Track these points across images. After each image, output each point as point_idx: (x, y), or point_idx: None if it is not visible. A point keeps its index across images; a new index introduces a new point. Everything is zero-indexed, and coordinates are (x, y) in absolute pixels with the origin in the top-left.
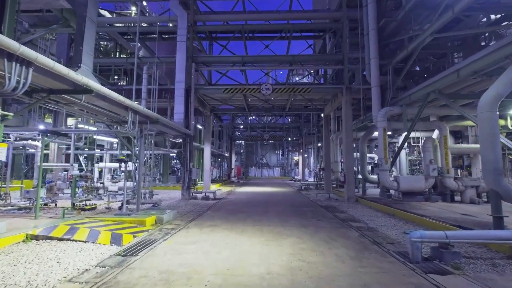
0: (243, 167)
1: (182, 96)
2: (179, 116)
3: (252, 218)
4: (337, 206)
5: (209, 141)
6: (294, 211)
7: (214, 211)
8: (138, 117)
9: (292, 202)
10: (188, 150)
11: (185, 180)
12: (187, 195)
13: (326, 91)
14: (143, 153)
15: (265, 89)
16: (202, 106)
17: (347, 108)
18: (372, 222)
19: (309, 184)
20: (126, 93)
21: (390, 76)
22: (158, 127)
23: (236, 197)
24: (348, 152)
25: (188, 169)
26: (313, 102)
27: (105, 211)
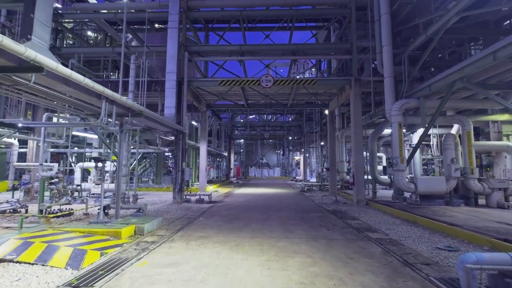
0: (243, 167)
1: (174, 88)
2: (170, 110)
3: (251, 226)
4: (346, 211)
5: (205, 139)
6: (299, 217)
7: (207, 218)
8: (116, 108)
9: (295, 206)
10: (180, 148)
11: (177, 182)
12: (179, 198)
13: (332, 83)
14: (123, 151)
15: (265, 81)
16: (197, 102)
17: (356, 101)
18: (393, 232)
19: (312, 185)
20: (113, 85)
21: (405, 66)
22: (144, 121)
23: (234, 200)
24: (357, 151)
25: (180, 169)
26: (317, 97)
27: (82, 217)
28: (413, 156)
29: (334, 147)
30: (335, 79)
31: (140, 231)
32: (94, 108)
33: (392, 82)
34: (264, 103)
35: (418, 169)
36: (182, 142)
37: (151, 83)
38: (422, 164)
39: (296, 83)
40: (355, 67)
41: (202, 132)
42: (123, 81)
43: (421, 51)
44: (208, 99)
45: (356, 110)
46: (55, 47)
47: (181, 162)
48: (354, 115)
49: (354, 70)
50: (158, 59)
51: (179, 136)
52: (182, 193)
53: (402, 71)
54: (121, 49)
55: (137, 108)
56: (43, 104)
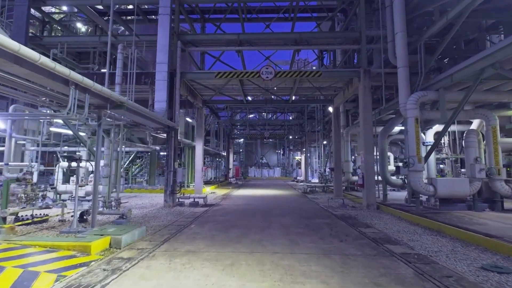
0: (242, 167)
1: (165, 80)
2: (160, 105)
3: (249, 237)
4: (356, 216)
5: (201, 137)
6: (304, 224)
7: (200, 225)
8: (91, 97)
9: (299, 210)
10: (172, 146)
11: (168, 183)
12: (170, 202)
13: (339, 75)
14: (100, 148)
15: (266, 72)
16: (193, 97)
17: (365, 95)
18: (418, 244)
19: (315, 186)
20: (99, 78)
21: (422, 54)
22: (128, 115)
23: (232, 203)
24: (367, 149)
25: (172, 169)
26: (322, 92)
27: (56, 225)
28: (430, 155)
29: (340, 146)
30: (342, 71)
31: (116, 243)
32: (64, 98)
33: (407, 72)
34: (265, 99)
35: (433, 169)
36: (175, 140)
37: (140, 76)
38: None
39: (300, 75)
40: (364, 57)
41: (198, 130)
42: (111, 73)
43: (438, 38)
44: (204, 94)
45: (366, 105)
46: (36, 36)
47: (173, 161)
48: (363, 110)
49: (363, 60)
50: (151, 52)
51: (171, 133)
52: (175, 195)
53: (416, 61)
54: (107, 38)
55: (116, 98)
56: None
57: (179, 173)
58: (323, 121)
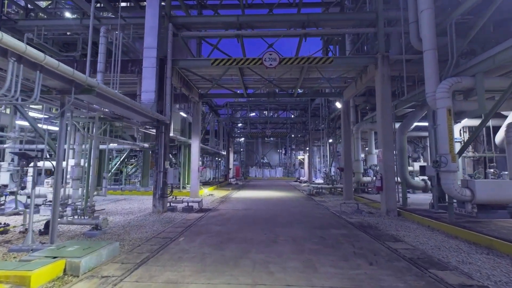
0: (243, 167)
1: (154, 67)
2: (148, 95)
3: (251, 257)
4: (377, 225)
5: (198, 134)
6: (318, 237)
7: (190, 238)
8: (47, 77)
9: (308, 216)
10: (162, 143)
11: (157, 186)
12: (160, 207)
13: (353, 63)
14: (63, 144)
15: (269, 59)
16: (188, 89)
17: (384, 84)
18: (473, 269)
19: (321, 187)
20: (80, 66)
21: (452, 35)
22: (105, 104)
23: (231, 207)
24: (387, 146)
25: (162, 169)
26: (331, 84)
27: (15, 237)
28: (462, 154)
29: (350, 144)
30: (356, 57)
31: (73, 269)
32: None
33: (435, 56)
34: (267, 92)
35: (460, 169)
36: (165, 136)
37: (127, 64)
38: None
39: (308, 62)
40: (381, 41)
41: (194, 126)
42: (94, 61)
43: (472, 16)
44: (200, 87)
45: (385, 95)
46: (9, 19)
47: (163, 160)
48: (382, 102)
49: (381, 45)
50: (142, 42)
51: (161, 128)
52: (165, 200)
53: (443, 44)
54: (89, 21)
55: (82, 79)
56: None
57: (170, 173)
58: (328, 118)
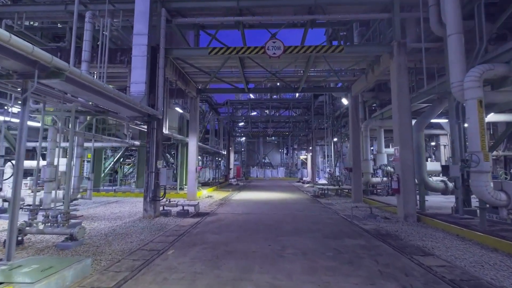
0: (244, 167)
1: (144, 56)
2: (138, 87)
3: (253, 279)
4: (397, 233)
5: (196, 131)
6: (333, 250)
7: (181, 251)
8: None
9: (317, 222)
10: (153, 140)
11: (148, 188)
12: (152, 211)
13: (365, 51)
14: (25, 136)
15: (273, 48)
16: (184, 83)
17: (400, 75)
18: None
19: (327, 188)
20: (65, 55)
21: (481, 17)
22: (82, 94)
23: (230, 211)
24: (404, 144)
25: (153, 170)
26: (339, 77)
27: None
28: (494, 151)
29: (359, 142)
30: (369, 46)
31: None
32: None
33: (461, 41)
34: (269, 87)
35: None
36: (157, 133)
37: (115, 53)
38: None
39: (316, 51)
40: (397, 28)
41: (192, 123)
42: (80, 50)
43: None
44: (198, 81)
45: (402, 87)
46: None
47: (154, 160)
48: (398, 94)
49: (397, 32)
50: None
51: (153, 124)
52: (157, 203)
53: (469, 29)
54: (73, 6)
55: (45, 59)
56: None
57: (163, 174)
58: (333, 117)
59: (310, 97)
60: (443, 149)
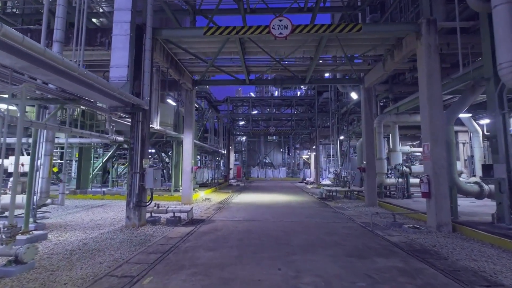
0: (245, 167)
1: (127, 35)
2: (118, 72)
3: None
4: (434, 248)
5: (191, 127)
6: (364, 277)
7: (162, 279)
8: None
9: (333, 233)
10: (138, 135)
11: (132, 192)
12: (136, 219)
13: (387, 31)
14: None
15: (279, 27)
16: (178, 73)
17: (431, 58)
18: None
19: (336, 190)
20: (36, 36)
21: None
22: (39, 72)
23: (229, 217)
24: (435, 139)
25: (137, 170)
26: (352, 66)
27: None
28: None
29: (373, 139)
30: (392, 24)
31: None
32: None
33: (511, 12)
34: (273, 79)
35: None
36: (143, 126)
37: (95, 33)
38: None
39: (329, 31)
40: (425, 3)
41: (187, 118)
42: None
43: None
44: (194, 71)
45: (432, 72)
46: None
47: (139, 158)
48: (428, 81)
49: (425, 7)
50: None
51: (137, 116)
52: (142, 210)
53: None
54: None
55: None
56: None
57: (149, 175)
58: (338, 113)
59: (313, 94)
60: (462, 148)
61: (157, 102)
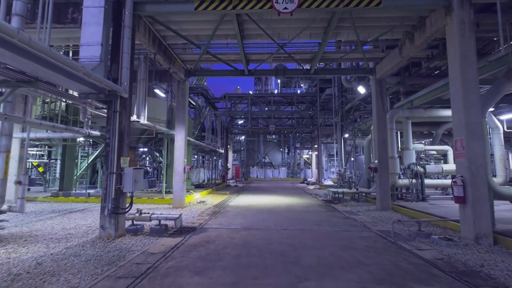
0: (244, 166)
1: (101, 8)
2: (90, 51)
3: None
4: (483, 269)
5: (183, 122)
6: None
7: None
8: None
9: (349, 247)
10: (115, 128)
11: (107, 196)
12: (112, 229)
13: (411, 4)
14: None
15: (283, 0)
16: (168, 60)
17: (465, 36)
18: None
19: (343, 192)
20: None
21: None
22: None
23: (224, 226)
24: (471, 132)
25: (113, 170)
26: (365, 54)
27: None
28: None
29: (385, 136)
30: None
31: None
32: None
33: None
34: (275, 68)
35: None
36: (121, 118)
37: (65, 8)
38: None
39: (343, 5)
40: None
41: (179, 112)
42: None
43: None
44: (185, 59)
45: (467, 53)
46: None
47: (116, 156)
48: (462, 63)
49: None
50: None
51: (114, 105)
52: (120, 218)
53: None
54: None
55: None
56: None
57: (128, 176)
58: (342, 110)
59: (315, 91)
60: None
61: (144, 93)
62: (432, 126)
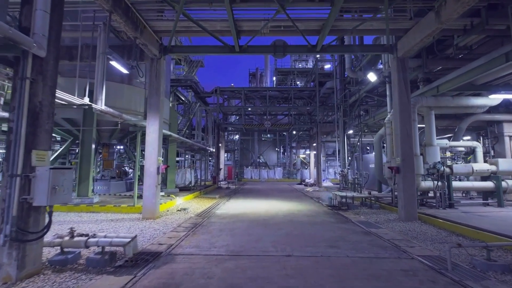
0: (237, 167)
1: None
2: None
3: None
4: None
5: (157, 111)
6: None
7: None
8: None
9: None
10: (22, 105)
11: (6, 212)
12: (13, 265)
13: None
14: None
15: None
16: (133, 27)
17: None
18: None
19: (353, 196)
20: None
21: None
22: None
23: (203, 249)
24: None
25: (16, 171)
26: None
27: None
28: None
29: (410, 127)
30: None
31: None
32: None
33: None
34: (273, 44)
35: None
36: (34, 90)
37: None
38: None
39: None
40: None
41: (151, 99)
42: None
43: None
44: (159, 28)
45: None
46: None
47: (23, 148)
48: None
49: None
50: None
51: (24, 68)
52: (29, 246)
53: None
54: None
55: None
56: None
57: (42, 181)
58: (344, 105)
59: (314, 85)
60: (508, 142)
61: (103, 71)
62: (453, 120)
